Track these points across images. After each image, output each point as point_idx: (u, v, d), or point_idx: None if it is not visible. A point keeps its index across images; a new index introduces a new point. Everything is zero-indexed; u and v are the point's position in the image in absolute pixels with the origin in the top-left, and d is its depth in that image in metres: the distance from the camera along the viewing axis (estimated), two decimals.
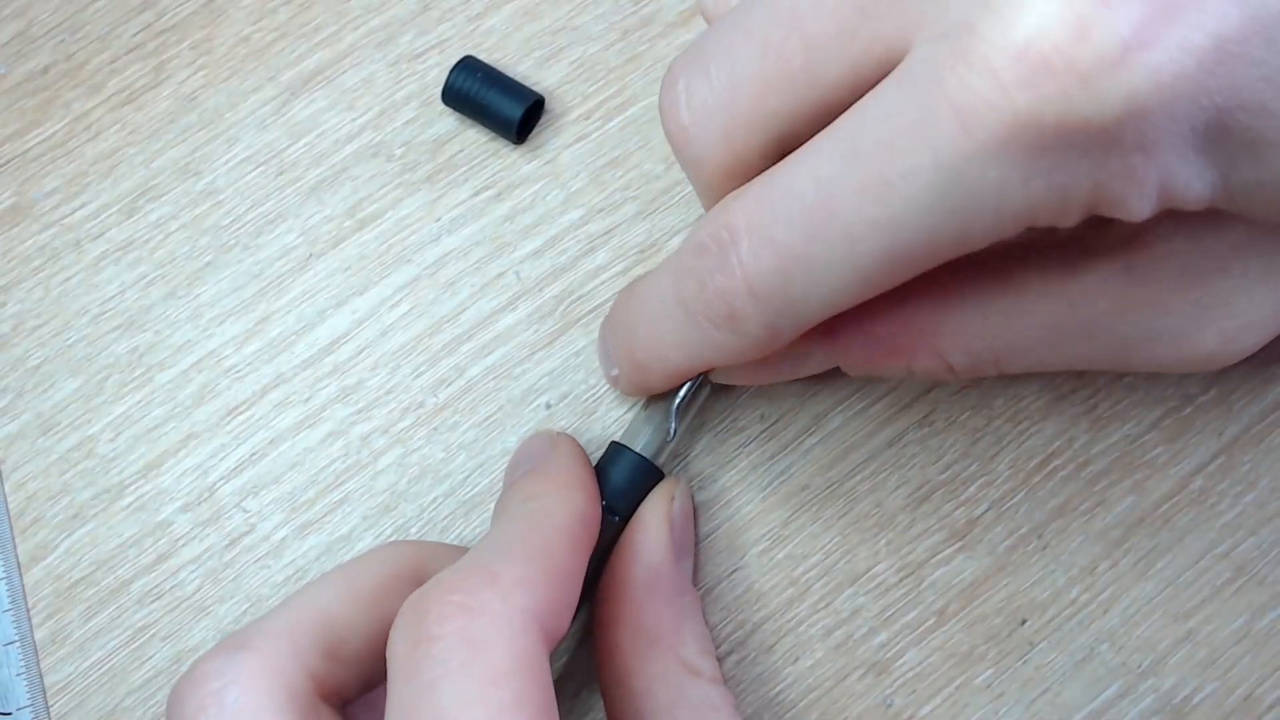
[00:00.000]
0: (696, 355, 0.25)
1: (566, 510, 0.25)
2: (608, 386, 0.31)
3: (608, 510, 0.27)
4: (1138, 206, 0.20)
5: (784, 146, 0.23)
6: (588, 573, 0.25)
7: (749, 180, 0.23)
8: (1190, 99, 0.19)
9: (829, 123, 0.22)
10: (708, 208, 0.25)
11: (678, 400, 0.28)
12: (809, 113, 0.23)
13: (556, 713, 0.21)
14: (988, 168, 0.20)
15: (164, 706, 0.29)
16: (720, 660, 0.29)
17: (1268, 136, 0.20)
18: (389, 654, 0.22)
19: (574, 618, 0.24)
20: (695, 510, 0.30)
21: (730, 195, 0.23)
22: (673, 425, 0.28)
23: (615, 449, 0.28)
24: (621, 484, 0.28)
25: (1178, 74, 0.19)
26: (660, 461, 0.29)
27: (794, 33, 0.22)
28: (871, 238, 0.21)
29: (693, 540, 0.29)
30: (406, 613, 0.22)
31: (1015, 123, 0.19)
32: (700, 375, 0.28)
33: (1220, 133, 0.20)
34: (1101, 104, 0.19)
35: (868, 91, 0.21)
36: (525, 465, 0.27)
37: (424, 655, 0.21)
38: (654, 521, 0.28)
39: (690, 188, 0.31)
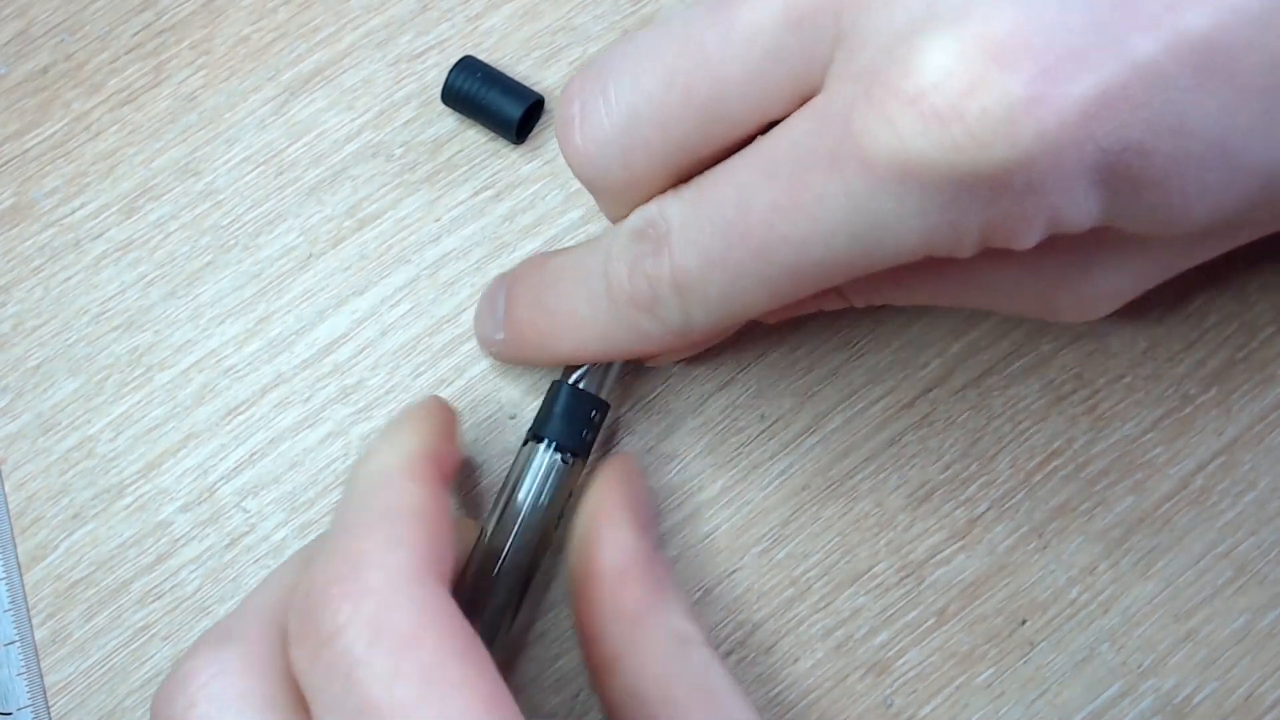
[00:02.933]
0: (608, 334, 0.26)
1: (396, 453, 0.25)
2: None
3: (557, 450, 0.27)
4: (1026, 239, 0.22)
5: (687, 170, 0.24)
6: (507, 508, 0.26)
7: (647, 197, 0.25)
8: (1076, 148, 0.20)
9: (735, 148, 0.24)
10: (610, 216, 0.26)
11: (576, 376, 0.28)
12: (714, 141, 0.24)
13: (479, 644, 0.21)
14: (886, 200, 0.21)
15: None
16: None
17: (1148, 175, 0.21)
18: (295, 673, 0.21)
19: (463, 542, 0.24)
20: (644, 478, 0.30)
21: (672, 190, 0.24)
22: (597, 384, 0.28)
23: (556, 385, 0.28)
24: (562, 419, 0.28)
25: (1063, 127, 0.20)
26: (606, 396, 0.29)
27: (702, 68, 0.23)
28: (783, 253, 0.23)
29: (655, 510, 0.30)
30: (295, 626, 0.21)
31: (909, 164, 0.20)
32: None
33: (1106, 172, 0.21)
34: (990, 154, 0.20)
35: (777, 120, 0.23)
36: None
37: (329, 656, 0.20)
38: (613, 502, 0.27)
39: None
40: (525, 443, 0.28)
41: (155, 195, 0.33)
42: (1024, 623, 0.29)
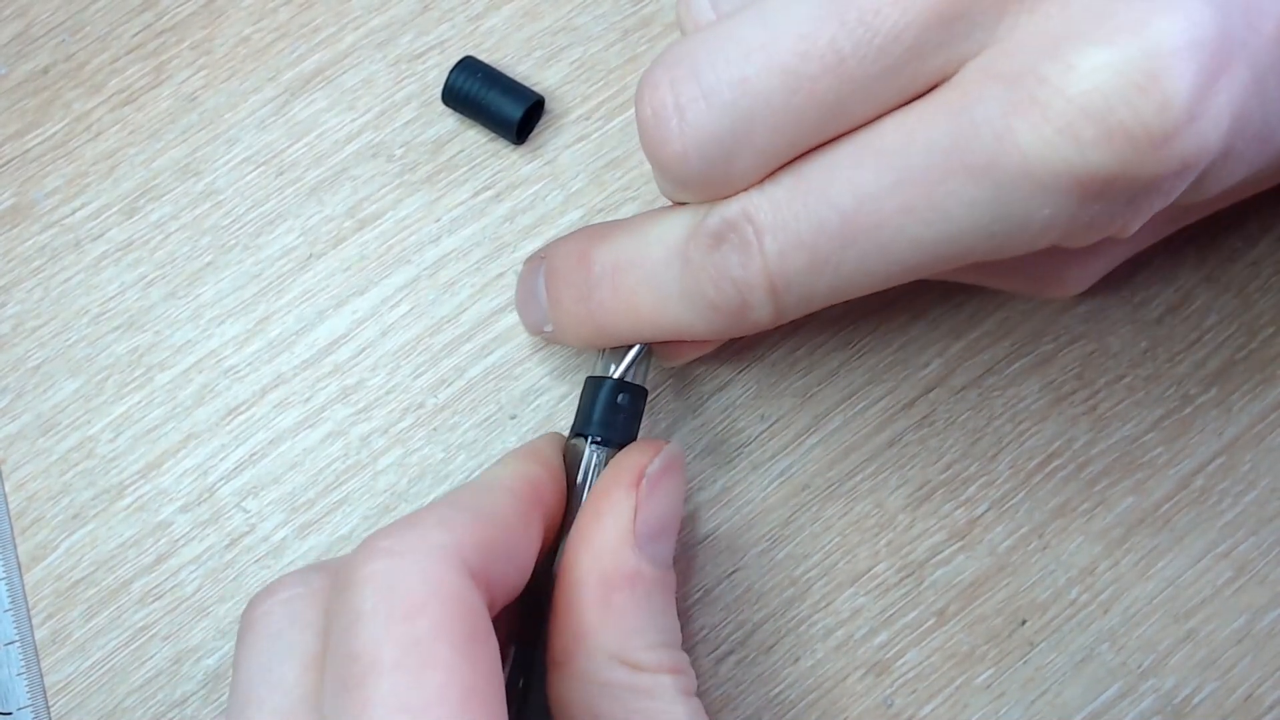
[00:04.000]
0: (677, 330, 0.25)
1: (507, 471, 0.25)
2: None
3: (604, 444, 0.26)
4: (1134, 230, 0.22)
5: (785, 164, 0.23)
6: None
7: (735, 192, 0.23)
8: (1218, 151, 0.21)
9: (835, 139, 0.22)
10: (675, 200, 0.25)
11: (634, 353, 0.27)
12: (825, 137, 0.22)
13: (493, 647, 0.21)
14: (1043, 206, 0.21)
15: (164, 706, 0.29)
16: (720, 660, 0.29)
17: (1224, 171, 0.22)
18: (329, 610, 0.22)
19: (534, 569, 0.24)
20: (682, 476, 0.27)
21: (755, 187, 0.23)
22: (631, 373, 0.27)
23: (595, 381, 0.27)
24: (611, 413, 0.26)
25: (1217, 135, 0.20)
26: (644, 381, 0.27)
27: (832, 71, 0.21)
28: (908, 251, 0.22)
29: (676, 513, 0.26)
30: (341, 566, 0.22)
31: (1086, 176, 0.20)
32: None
33: (1208, 166, 0.21)
34: (1167, 163, 0.20)
35: (890, 111, 0.22)
36: None
37: (344, 602, 0.21)
38: (612, 503, 0.25)
39: None
40: (570, 439, 0.27)
41: (156, 195, 0.33)
42: (1024, 623, 0.29)
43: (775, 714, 0.29)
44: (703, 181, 0.23)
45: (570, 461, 0.27)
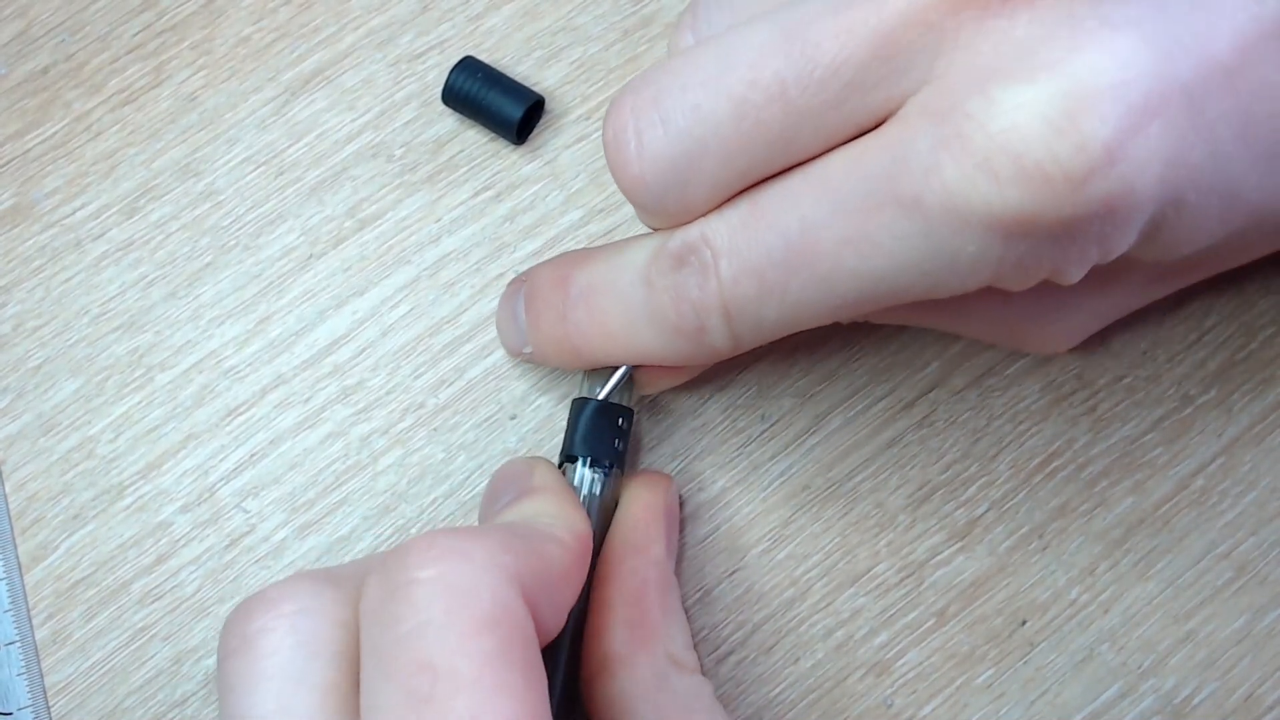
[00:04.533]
0: (646, 353, 0.26)
1: (564, 525, 0.24)
2: None
3: (594, 465, 0.27)
4: (1075, 276, 0.22)
5: (737, 191, 0.24)
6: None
7: (695, 218, 0.24)
8: (1150, 198, 0.21)
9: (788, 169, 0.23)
10: (650, 226, 0.26)
11: (618, 375, 0.28)
12: (775, 167, 0.23)
13: (544, 674, 0.20)
14: (968, 244, 0.21)
15: (164, 706, 0.29)
16: (720, 660, 0.29)
17: (1174, 216, 0.22)
18: (362, 603, 0.21)
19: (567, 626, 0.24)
20: (681, 506, 0.30)
21: (715, 212, 0.24)
22: (615, 394, 0.28)
23: (580, 403, 0.28)
24: (599, 433, 0.27)
25: (1142, 174, 0.20)
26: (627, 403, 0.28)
27: (777, 101, 0.22)
28: (847, 283, 0.22)
29: (678, 536, 0.30)
30: (384, 559, 0.21)
31: (1004, 214, 0.20)
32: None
33: (1158, 217, 0.21)
34: (1085, 205, 0.20)
35: (841, 144, 0.22)
36: (508, 493, 0.27)
37: (404, 601, 0.20)
38: (648, 516, 0.28)
39: None
40: (561, 465, 0.28)
41: (156, 195, 0.33)
42: (1024, 623, 0.29)
43: (775, 714, 0.29)
44: (661, 205, 0.24)
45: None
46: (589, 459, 0.28)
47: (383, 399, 0.31)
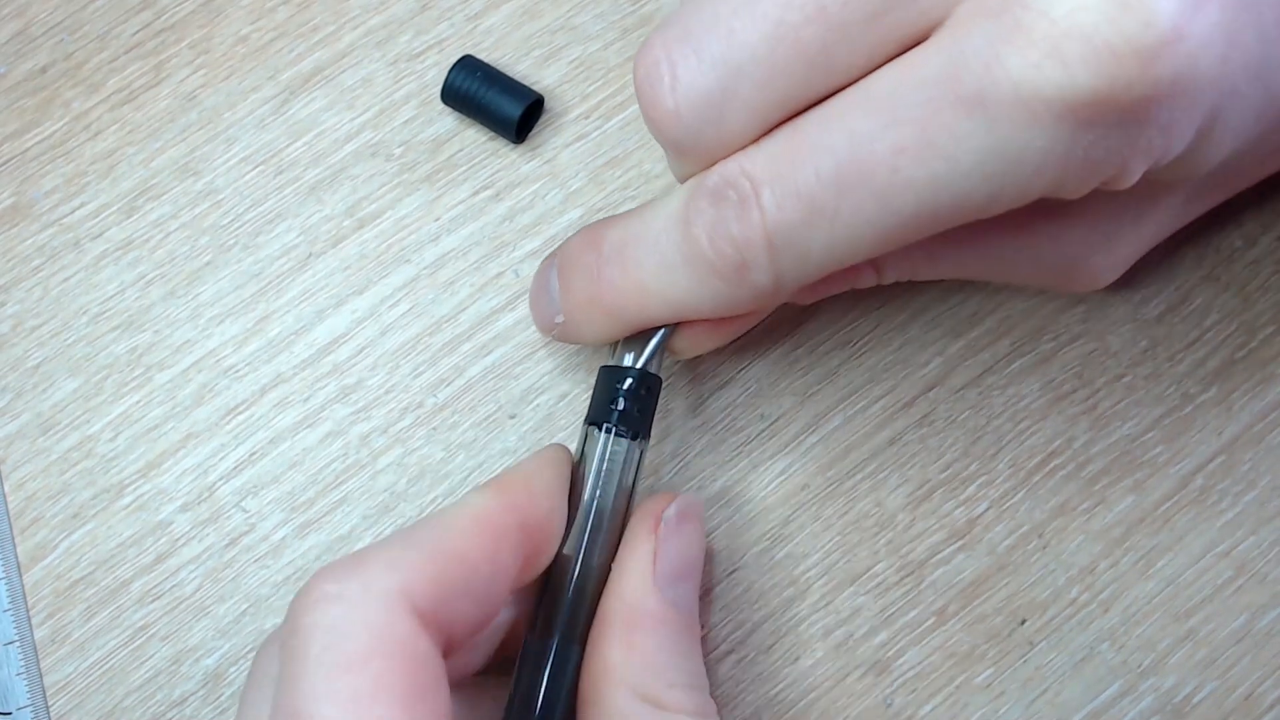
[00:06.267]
0: (683, 303, 0.25)
1: (474, 503, 0.24)
2: None
3: (615, 433, 0.26)
4: (1134, 178, 0.22)
5: (778, 123, 0.23)
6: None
7: (731, 154, 0.23)
8: (1212, 80, 0.20)
9: (830, 96, 0.22)
10: (682, 177, 0.25)
11: (655, 342, 0.26)
12: (816, 92, 0.22)
13: (442, 697, 0.21)
14: (1036, 138, 0.20)
15: (163, 706, 0.29)
16: (720, 660, 0.29)
17: (1231, 119, 0.22)
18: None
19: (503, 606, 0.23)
20: (699, 524, 0.28)
21: (751, 145, 0.23)
22: (649, 363, 0.27)
23: (606, 371, 0.27)
24: (619, 403, 0.26)
25: (1210, 59, 0.20)
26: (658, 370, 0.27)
27: (816, 18, 0.21)
28: (904, 196, 0.22)
29: (695, 558, 0.27)
30: (291, 606, 0.22)
31: (1075, 99, 0.20)
32: (665, 328, 0.26)
33: (1215, 108, 0.21)
34: (1155, 83, 0.20)
35: (882, 65, 0.22)
36: None
37: (287, 650, 0.21)
38: (634, 547, 0.26)
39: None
40: (586, 434, 0.27)
41: (155, 195, 0.33)
42: (1024, 622, 0.29)
43: (775, 714, 0.29)
44: (698, 140, 0.23)
45: (586, 452, 0.26)
46: (607, 426, 0.26)
47: (382, 398, 0.31)
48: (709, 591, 0.30)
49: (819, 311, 0.31)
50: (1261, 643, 0.29)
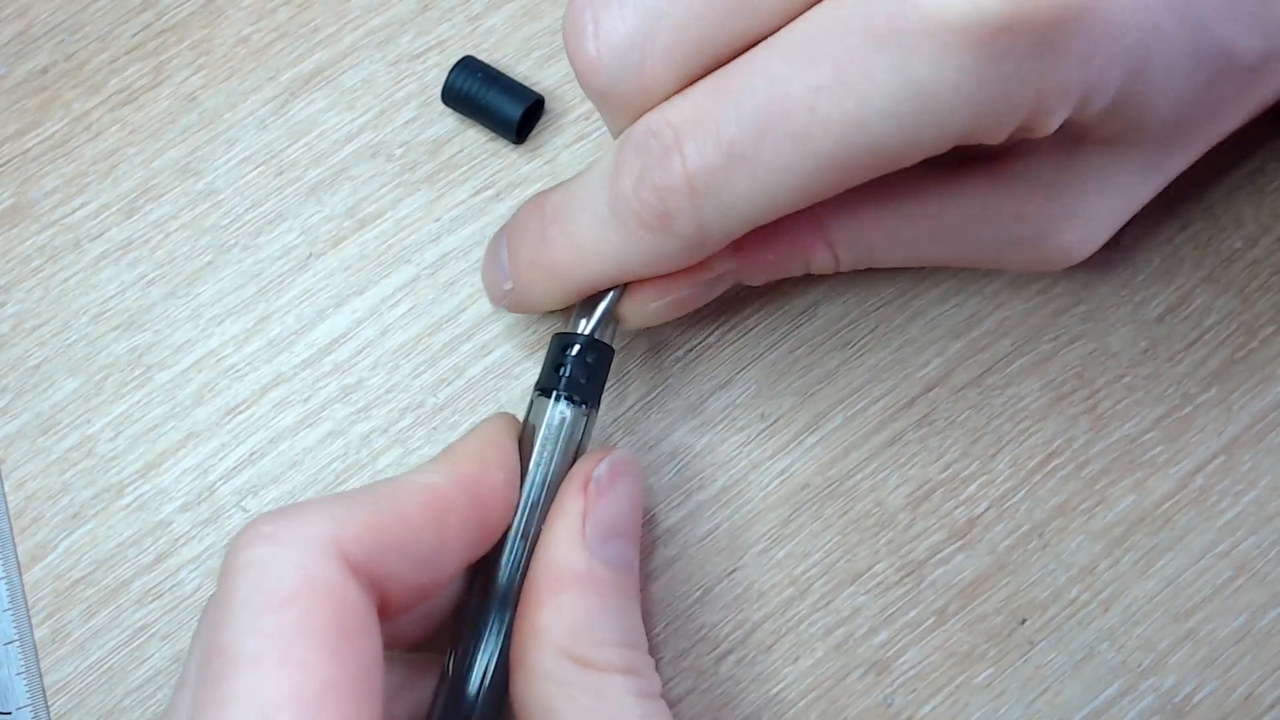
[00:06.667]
0: (617, 259, 0.25)
1: (424, 474, 0.24)
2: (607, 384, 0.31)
3: (562, 400, 0.26)
4: (1055, 120, 0.22)
5: (699, 75, 0.23)
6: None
7: (662, 103, 0.23)
8: (1124, 11, 0.21)
9: (754, 45, 0.23)
10: (615, 132, 0.25)
11: (603, 307, 0.27)
12: (735, 40, 0.23)
13: (371, 646, 0.21)
14: (948, 70, 0.21)
15: (163, 706, 0.29)
16: (720, 659, 0.29)
17: (1163, 61, 0.22)
18: None
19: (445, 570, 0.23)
20: (634, 480, 0.27)
21: (676, 95, 0.23)
22: (598, 330, 0.27)
23: (557, 338, 0.27)
24: (566, 369, 0.26)
25: None
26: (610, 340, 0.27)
27: None
28: (821, 138, 0.22)
29: (630, 515, 0.26)
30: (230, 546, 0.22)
31: (982, 26, 0.20)
32: (610, 292, 0.27)
33: (1140, 51, 0.21)
34: (1061, 5, 0.20)
35: (800, 14, 0.22)
36: None
37: (219, 589, 0.21)
38: (563, 507, 0.25)
39: None
40: (532, 402, 0.27)
41: (155, 195, 0.33)
42: (1024, 622, 0.29)
43: (775, 713, 0.29)
44: (621, 88, 0.23)
45: (533, 420, 0.27)
46: (553, 393, 0.26)
47: (382, 398, 0.31)
48: (709, 591, 0.30)
49: (819, 312, 0.31)
50: (1261, 642, 0.29)
